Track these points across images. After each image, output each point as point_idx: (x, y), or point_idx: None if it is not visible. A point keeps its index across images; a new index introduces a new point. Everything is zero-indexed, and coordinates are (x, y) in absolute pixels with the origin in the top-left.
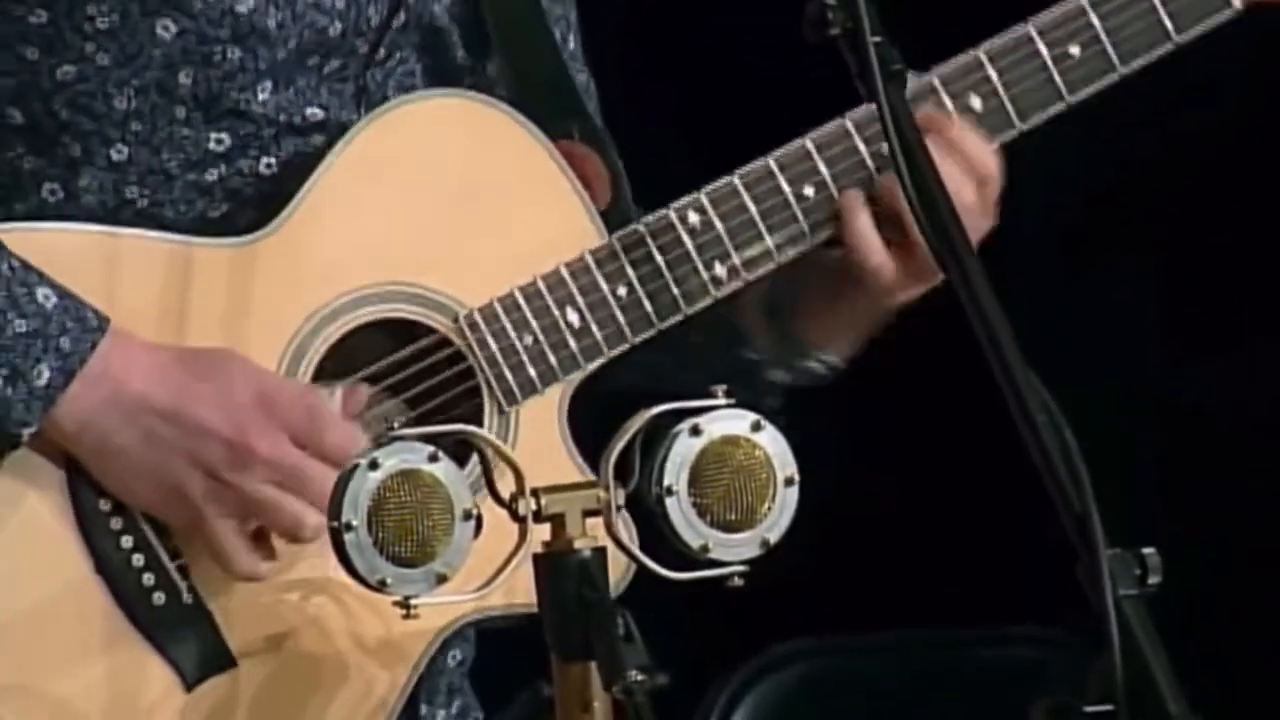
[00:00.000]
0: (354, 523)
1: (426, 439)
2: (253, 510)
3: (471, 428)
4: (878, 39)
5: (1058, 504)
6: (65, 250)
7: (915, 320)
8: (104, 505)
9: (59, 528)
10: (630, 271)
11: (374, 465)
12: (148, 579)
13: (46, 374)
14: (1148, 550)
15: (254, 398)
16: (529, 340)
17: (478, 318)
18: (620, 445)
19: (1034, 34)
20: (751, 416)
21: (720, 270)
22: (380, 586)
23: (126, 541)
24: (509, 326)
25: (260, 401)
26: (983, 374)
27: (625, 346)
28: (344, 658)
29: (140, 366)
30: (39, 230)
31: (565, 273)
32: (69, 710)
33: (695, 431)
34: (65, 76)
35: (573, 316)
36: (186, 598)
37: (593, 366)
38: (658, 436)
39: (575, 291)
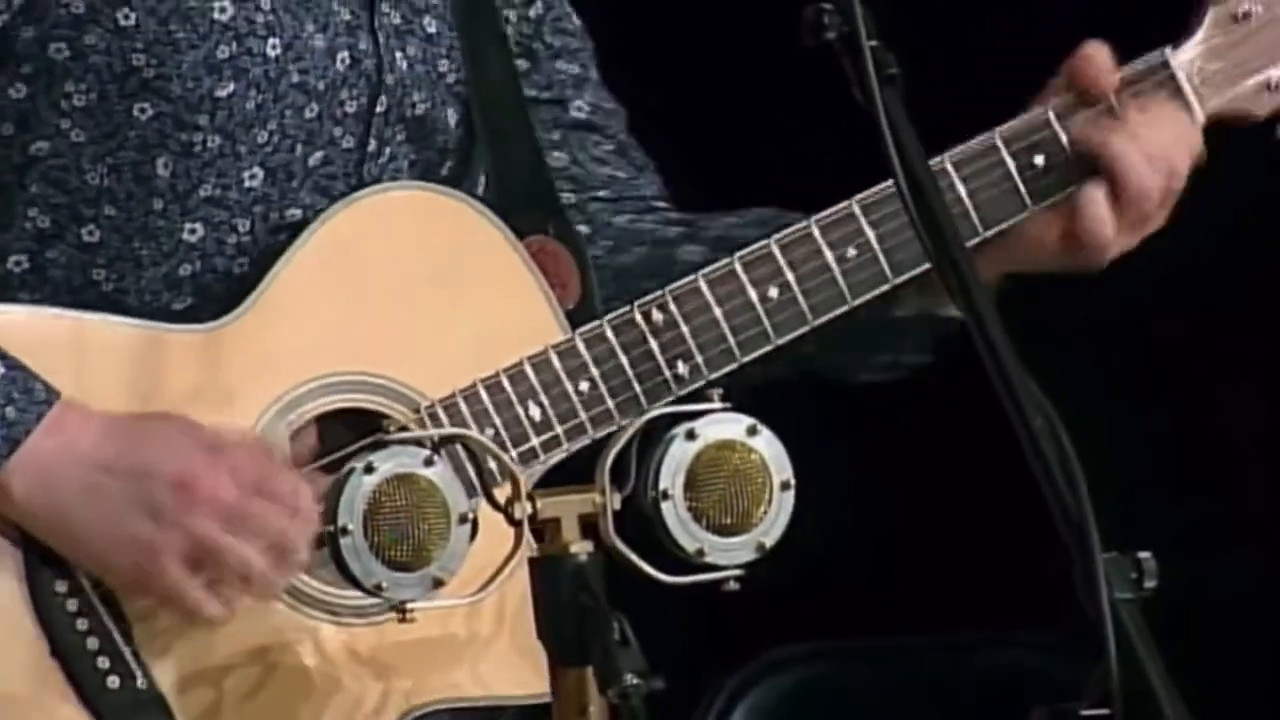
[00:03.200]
0: (349, 526)
1: (422, 443)
2: (200, 553)
3: (467, 431)
4: (874, 43)
5: (1054, 508)
6: (28, 334)
7: None
8: (60, 587)
9: (14, 609)
10: (593, 368)
11: (369, 469)
12: (103, 662)
13: None
14: (1144, 554)
15: (204, 444)
16: (490, 433)
17: (439, 409)
18: (616, 449)
19: (999, 143)
20: (747, 421)
21: (682, 369)
22: (376, 591)
23: (82, 624)
24: (470, 419)
25: (208, 446)
26: (980, 379)
27: (586, 440)
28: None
29: (91, 429)
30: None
31: (527, 366)
32: None
33: (691, 435)
34: (38, 152)
35: (534, 411)
36: (141, 682)
37: (552, 460)
38: (653, 440)
39: (537, 386)
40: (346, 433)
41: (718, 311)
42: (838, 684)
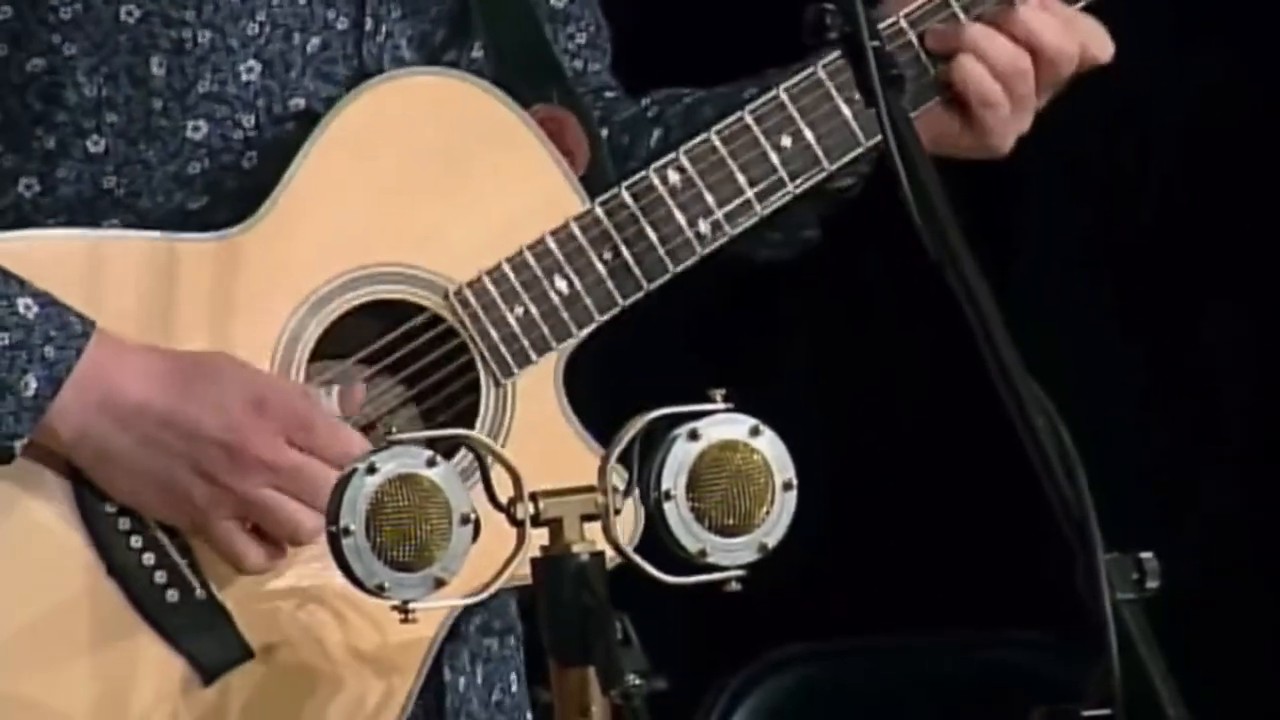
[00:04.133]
0: (352, 527)
1: (424, 443)
2: (251, 512)
3: (469, 432)
4: (876, 43)
5: (1056, 508)
6: (44, 257)
7: (913, 323)
8: (110, 508)
9: (68, 533)
10: (615, 235)
11: (372, 469)
12: (160, 577)
13: (34, 384)
14: (1145, 554)
15: (249, 401)
16: (520, 311)
17: (467, 293)
18: (618, 450)
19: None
20: (750, 421)
21: (704, 226)
22: (378, 591)
23: (136, 541)
24: (499, 299)
25: (255, 404)
26: (981, 377)
27: (616, 310)
28: (360, 643)
29: (133, 369)
30: (14, 239)
31: (551, 241)
32: (93, 713)
33: (693, 436)
34: (34, 69)
35: (561, 284)
36: (199, 593)
37: (585, 333)
38: (656, 440)
39: (562, 259)
40: (379, 325)
41: (733, 165)
42: (839, 684)
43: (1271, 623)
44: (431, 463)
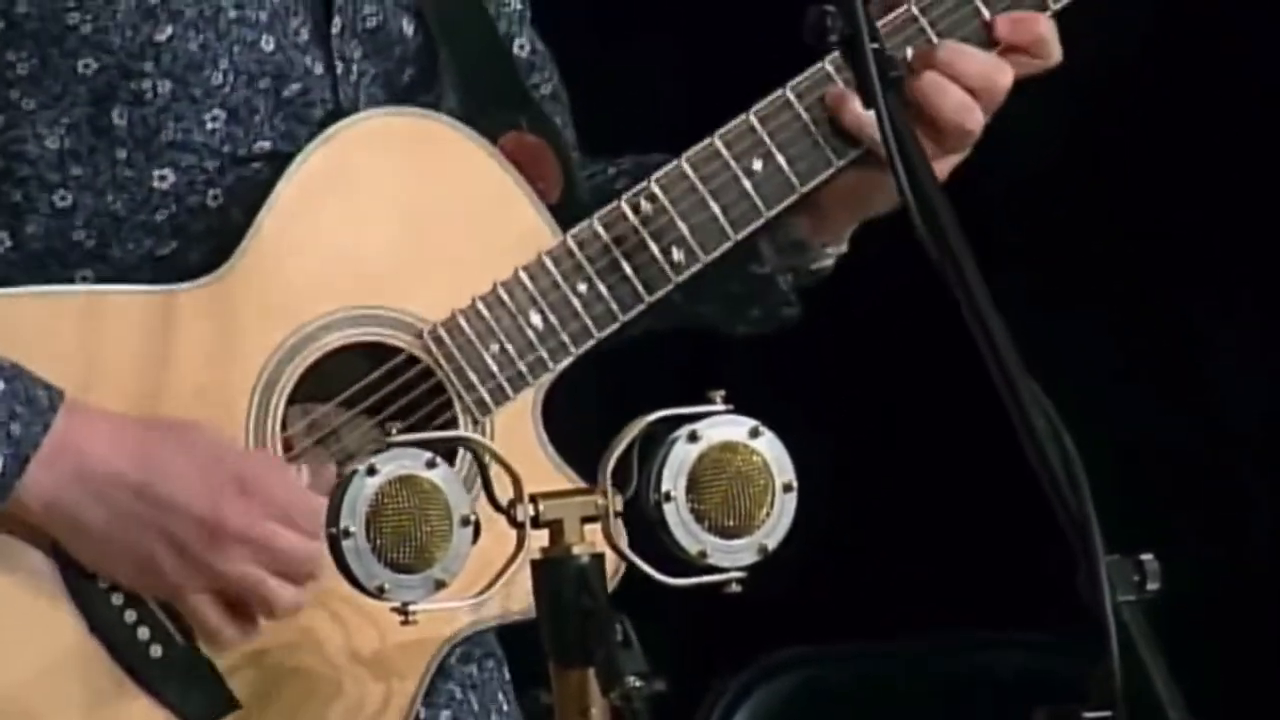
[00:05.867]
0: (352, 529)
1: (424, 445)
2: (226, 586)
3: (469, 434)
4: (876, 46)
5: (1057, 510)
6: (17, 317)
7: (913, 324)
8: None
9: (49, 594)
10: (588, 267)
11: (372, 471)
12: (143, 633)
13: None
14: (1146, 556)
15: (228, 477)
16: (495, 348)
17: (441, 332)
18: (618, 451)
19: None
20: (750, 423)
21: (678, 255)
22: (378, 593)
23: (117, 599)
24: (474, 337)
25: (234, 481)
26: (982, 379)
27: (591, 343)
28: (346, 684)
29: (103, 438)
30: None
31: (524, 276)
32: None
33: (693, 437)
34: None
35: (536, 319)
36: (184, 648)
37: (561, 367)
38: (655, 442)
39: (536, 294)
40: (357, 366)
41: (704, 192)
42: (839, 686)
43: (1273, 623)
44: (431, 464)
